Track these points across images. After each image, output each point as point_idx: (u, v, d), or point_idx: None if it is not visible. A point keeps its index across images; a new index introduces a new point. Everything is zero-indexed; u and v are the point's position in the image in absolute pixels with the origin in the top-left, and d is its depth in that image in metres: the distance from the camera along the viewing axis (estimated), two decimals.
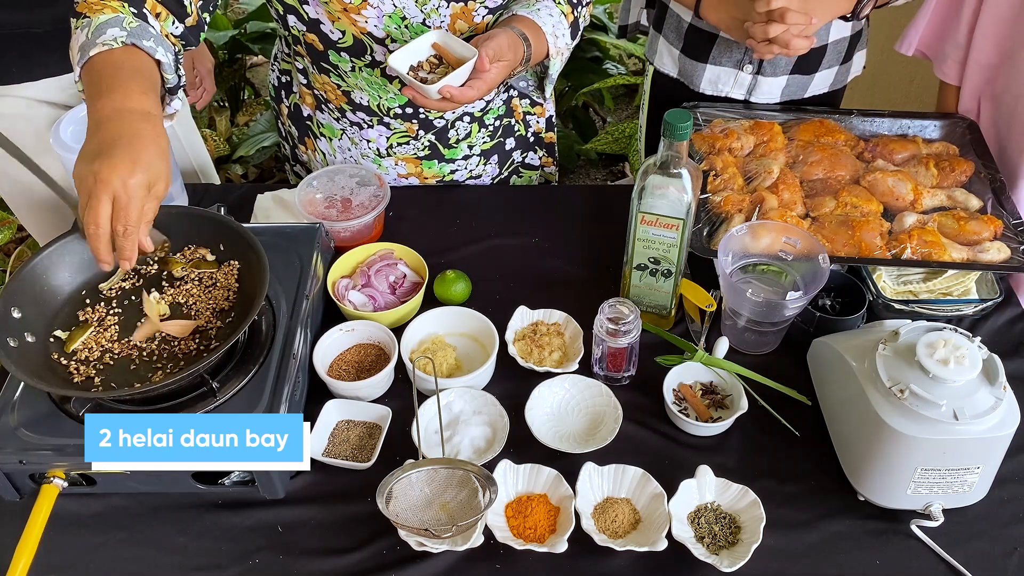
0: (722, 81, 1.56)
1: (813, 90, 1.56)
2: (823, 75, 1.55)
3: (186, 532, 1.05)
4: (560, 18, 1.36)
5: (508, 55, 1.25)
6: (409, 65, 1.24)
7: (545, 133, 1.65)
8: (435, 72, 1.25)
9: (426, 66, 1.26)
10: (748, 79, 1.53)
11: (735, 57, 1.52)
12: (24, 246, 2.51)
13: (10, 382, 1.07)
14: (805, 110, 1.52)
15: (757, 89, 1.54)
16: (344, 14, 1.28)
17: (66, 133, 1.35)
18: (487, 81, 1.23)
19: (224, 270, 1.17)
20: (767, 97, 1.55)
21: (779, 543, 1.02)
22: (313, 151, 1.57)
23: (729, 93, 1.56)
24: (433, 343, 1.23)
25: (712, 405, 1.17)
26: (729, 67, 1.53)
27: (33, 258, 1.11)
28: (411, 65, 1.25)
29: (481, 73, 1.22)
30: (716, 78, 1.56)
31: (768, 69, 1.52)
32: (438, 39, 1.25)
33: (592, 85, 2.84)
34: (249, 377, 1.08)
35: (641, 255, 1.20)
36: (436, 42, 1.25)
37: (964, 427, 0.96)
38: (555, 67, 1.39)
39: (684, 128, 1.05)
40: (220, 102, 2.91)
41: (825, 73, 1.55)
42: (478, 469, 0.99)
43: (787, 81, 1.53)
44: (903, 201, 1.33)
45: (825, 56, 1.51)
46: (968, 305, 1.26)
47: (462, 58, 1.22)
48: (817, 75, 1.54)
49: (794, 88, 1.55)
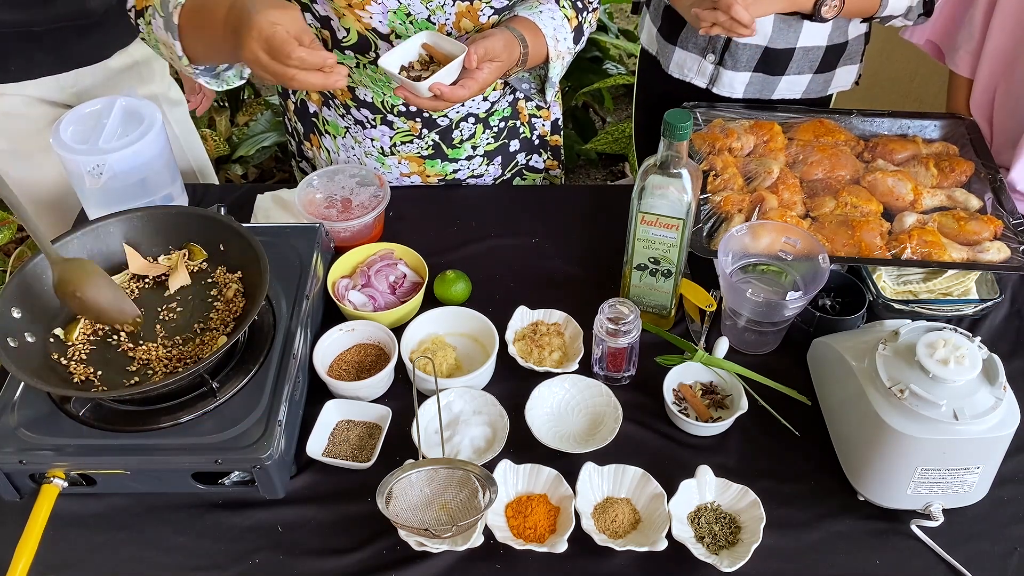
0: (687, 67, 1.58)
1: (781, 93, 1.56)
2: (792, 80, 1.54)
3: (186, 532, 1.05)
4: (563, 21, 1.36)
5: (502, 55, 1.25)
6: (400, 65, 1.24)
7: (551, 136, 1.65)
8: (427, 70, 1.25)
9: (417, 66, 1.26)
10: (710, 68, 1.55)
11: (700, 44, 1.54)
12: (24, 246, 2.51)
13: (10, 382, 1.07)
14: (805, 111, 1.52)
15: (719, 80, 1.56)
16: (349, 10, 1.28)
17: (66, 133, 1.35)
18: (479, 80, 1.23)
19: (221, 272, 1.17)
20: (728, 90, 1.56)
21: (779, 543, 1.02)
22: (318, 148, 1.57)
23: (693, 80, 1.58)
24: (433, 343, 1.23)
25: (712, 405, 1.17)
26: (695, 53, 1.56)
27: (33, 258, 1.11)
28: (402, 65, 1.25)
29: (473, 72, 1.22)
30: (682, 62, 1.58)
31: (729, 62, 1.53)
32: (428, 39, 1.25)
33: (592, 85, 2.84)
34: (249, 377, 1.08)
35: (641, 255, 1.20)
36: (426, 42, 1.25)
37: (964, 427, 0.96)
38: (555, 70, 1.39)
39: (684, 128, 1.05)
40: (220, 102, 2.91)
41: (795, 78, 1.54)
42: (478, 469, 0.99)
43: (750, 78, 1.54)
44: (903, 201, 1.33)
45: (793, 60, 1.51)
46: (968, 305, 1.26)
47: (451, 56, 1.22)
48: (784, 78, 1.54)
49: (758, 86, 1.55)
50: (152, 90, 1.69)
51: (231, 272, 1.18)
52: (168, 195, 1.41)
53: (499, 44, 1.25)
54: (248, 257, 1.14)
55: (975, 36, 1.46)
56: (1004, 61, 1.43)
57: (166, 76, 1.77)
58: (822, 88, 1.59)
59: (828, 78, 1.57)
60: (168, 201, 1.41)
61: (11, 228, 2.51)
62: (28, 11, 1.45)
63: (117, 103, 1.39)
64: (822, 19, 1.36)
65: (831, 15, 1.36)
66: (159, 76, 1.74)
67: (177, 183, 1.44)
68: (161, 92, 1.73)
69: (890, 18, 1.44)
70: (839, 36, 1.51)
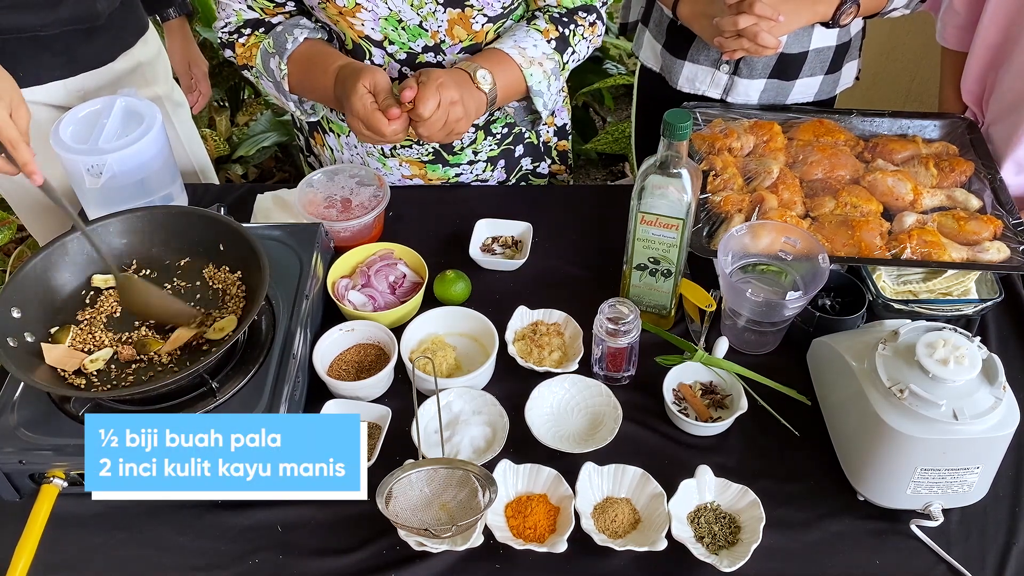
0: (699, 79, 1.56)
1: (796, 97, 1.56)
2: (805, 83, 1.54)
3: (186, 532, 1.05)
4: (532, 33, 1.34)
5: (443, 77, 1.21)
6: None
7: (558, 142, 1.64)
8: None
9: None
10: (724, 79, 1.54)
11: (713, 56, 1.53)
12: (24, 246, 2.51)
13: (10, 382, 1.07)
14: (805, 111, 1.52)
15: (733, 90, 1.55)
16: (341, 17, 1.28)
17: (66, 133, 1.35)
18: (426, 106, 1.18)
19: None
20: (744, 99, 1.55)
21: (779, 543, 1.02)
22: (322, 146, 1.58)
23: (706, 92, 1.57)
24: (433, 343, 1.23)
25: (712, 405, 1.17)
26: (707, 66, 1.54)
27: (33, 258, 1.11)
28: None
29: (417, 106, 1.19)
30: (693, 76, 1.56)
31: (744, 70, 1.52)
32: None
33: (592, 85, 2.84)
34: (249, 377, 1.08)
35: (641, 255, 1.20)
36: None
37: (964, 427, 0.96)
38: (534, 79, 1.33)
39: (684, 128, 1.05)
40: (220, 102, 2.91)
41: (808, 81, 1.54)
42: (478, 469, 0.99)
43: (765, 85, 1.53)
44: (903, 201, 1.33)
45: (806, 63, 1.51)
46: (968, 305, 1.26)
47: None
48: (798, 82, 1.54)
49: (773, 93, 1.55)
50: (155, 91, 1.69)
51: (231, 272, 1.18)
52: (168, 195, 1.41)
53: (438, 71, 1.23)
54: (248, 257, 1.14)
55: (960, 12, 1.47)
56: (994, 49, 1.44)
57: (169, 78, 1.77)
58: (831, 89, 1.59)
59: (836, 78, 1.58)
60: (168, 201, 1.41)
61: (11, 228, 2.51)
62: (37, 14, 1.45)
63: (117, 103, 1.39)
64: (839, 26, 1.39)
65: (848, 20, 1.38)
66: (163, 78, 1.74)
67: (177, 183, 1.44)
68: (164, 93, 1.73)
69: (893, 11, 1.44)
70: (844, 35, 1.52)
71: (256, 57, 1.36)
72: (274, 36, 1.34)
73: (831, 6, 1.36)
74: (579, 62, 1.43)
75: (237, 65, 1.40)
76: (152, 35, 1.71)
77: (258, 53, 1.36)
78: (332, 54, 1.33)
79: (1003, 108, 1.44)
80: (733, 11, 1.30)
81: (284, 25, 1.35)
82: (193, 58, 1.89)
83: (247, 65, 1.39)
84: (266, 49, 1.34)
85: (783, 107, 1.55)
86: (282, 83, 1.35)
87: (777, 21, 1.29)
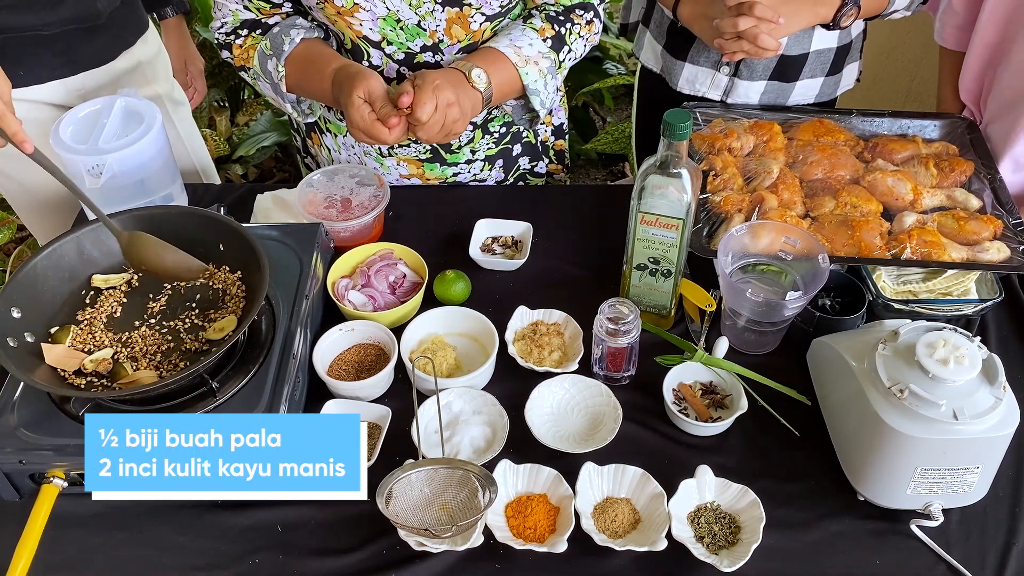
0: (699, 81, 1.56)
1: (796, 99, 1.56)
2: (806, 84, 1.54)
3: (186, 532, 1.05)
4: (527, 31, 1.34)
5: (439, 78, 1.22)
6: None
7: (555, 141, 1.64)
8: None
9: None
10: (724, 81, 1.54)
11: (713, 57, 1.53)
12: (24, 246, 2.51)
13: (10, 382, 1.07)
14: (805, 111, 1.52)
15: (734, 91, 1.54)
16: (339, 17, 1.28)
17: (66, 133, 1.35)
18: (424, 108, 1.19)
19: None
20: (744, 100, 1.55)
21: (779, 543, 1.02)
22: (319, 146, 1.58)
23: (706, 94, 1.57)
24: (433, 343, 1.23)
25: (712, 405, 1.17)
26: (707, 67, 1.54)
27: (33, 258, 1.11)
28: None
29: (415, 109, 1.19)
30: (693, 77, 1.56)
31: (744, 72, 1.52)
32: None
33: (592, 85, 2.84)
34: (249, 377, 1.08)
35: (641, 255, 1.20)
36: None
37: (964, 427, 0.96)
38: (530, 77, 1.33)
39: (684, 128, 1.05)
40: (220, 102, 2.91)
41: (808, 83, 1.54)
42: (478, 469, 0.99)
43: (765, 87, 1.53)
44: (903, 201, 1.33)
45: (807, 65, 1.51)
46: (968, 305, 1.26)
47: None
48: (799, 84, 1.54)
49: (773, 95, 1.54)
50: (156, 90, 1.69)
51: (231, 272, 1.18)
52: (168, 195, 1.41)
53: (433, 72, 1.23)
54: (248, 257, 1.14)
55: (958, 12, 1.48)
56: (992, 47, 1.44)
57: (169, 76, 1.77)
58: (832, 91, 1.59)
59: (837, 80, 1.57)
60: (168, 201, 1.41)
61: (11, 228, 2.51)
62: (38, 14, 1.45)
63: (117, 103, 1.39)
64: (840, 28, 1.39)
65: (849, 22, 1.37)
66: (163, 77, 1.74)
67: (177, 183, 1.44)
68: (165, 92, 1.73)
69: (893, 12, 1.44)
70: (845, 36, 1.52)
71: (253, 59, 1.36)
72: (271, 38, 1.34)
73: (832, 8, 1.36)
74: (576, 60, 1.43)
75: (235, 66, 1.40)
76: (152, 34, 1.71)
77: (255, 55, 1.36)
78: (328, 55, 1.33)
79: (1001, 106, 1.44)
80: (733, 13, 1.30)
81: (281, 26, 1.35)
82: (189, 56, 1.89)
83: (244, 67, 1.39)
84: (263, 51, 1.34)
85: (783, 107, 1.55)
86: (280, 85, 1.35)
87: (777, 23, 1.29)
